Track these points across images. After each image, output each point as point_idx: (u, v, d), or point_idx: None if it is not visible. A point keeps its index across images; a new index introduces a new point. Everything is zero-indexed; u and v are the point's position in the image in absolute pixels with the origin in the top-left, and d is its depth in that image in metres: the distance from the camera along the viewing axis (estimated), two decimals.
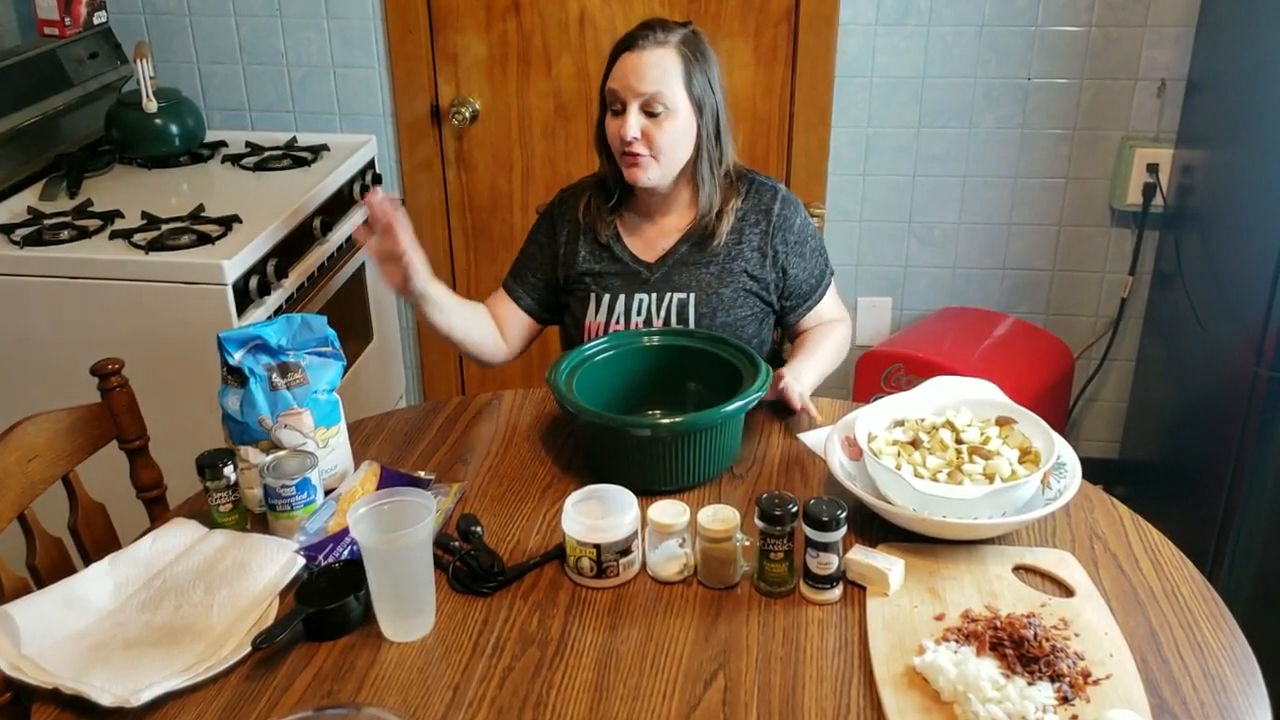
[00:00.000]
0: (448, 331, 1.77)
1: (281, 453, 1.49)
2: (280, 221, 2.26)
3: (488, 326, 1.87)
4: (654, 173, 1.77)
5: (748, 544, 1.36)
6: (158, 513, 1.68)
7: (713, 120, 1.78)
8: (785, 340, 2.18)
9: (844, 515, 1.30)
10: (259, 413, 1.49)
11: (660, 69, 1.72)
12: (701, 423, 1.51)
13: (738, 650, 1.26)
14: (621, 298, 1.84)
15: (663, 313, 1.84)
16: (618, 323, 1.84)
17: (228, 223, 2.21)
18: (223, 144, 2.70)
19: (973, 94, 2.64)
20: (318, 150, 2.63)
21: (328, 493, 1.52)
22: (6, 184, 2.39)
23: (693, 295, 1.83)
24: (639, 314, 1.84)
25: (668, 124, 1.73)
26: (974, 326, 2.72)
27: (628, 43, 1.74)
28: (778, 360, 2.05)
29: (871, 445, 1.46)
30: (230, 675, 1.24)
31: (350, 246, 2.56)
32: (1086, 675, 1.18)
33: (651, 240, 1.86)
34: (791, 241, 1.85)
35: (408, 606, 1.31)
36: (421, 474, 1.58)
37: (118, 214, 2.28)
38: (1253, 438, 2.09)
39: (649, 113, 1.72)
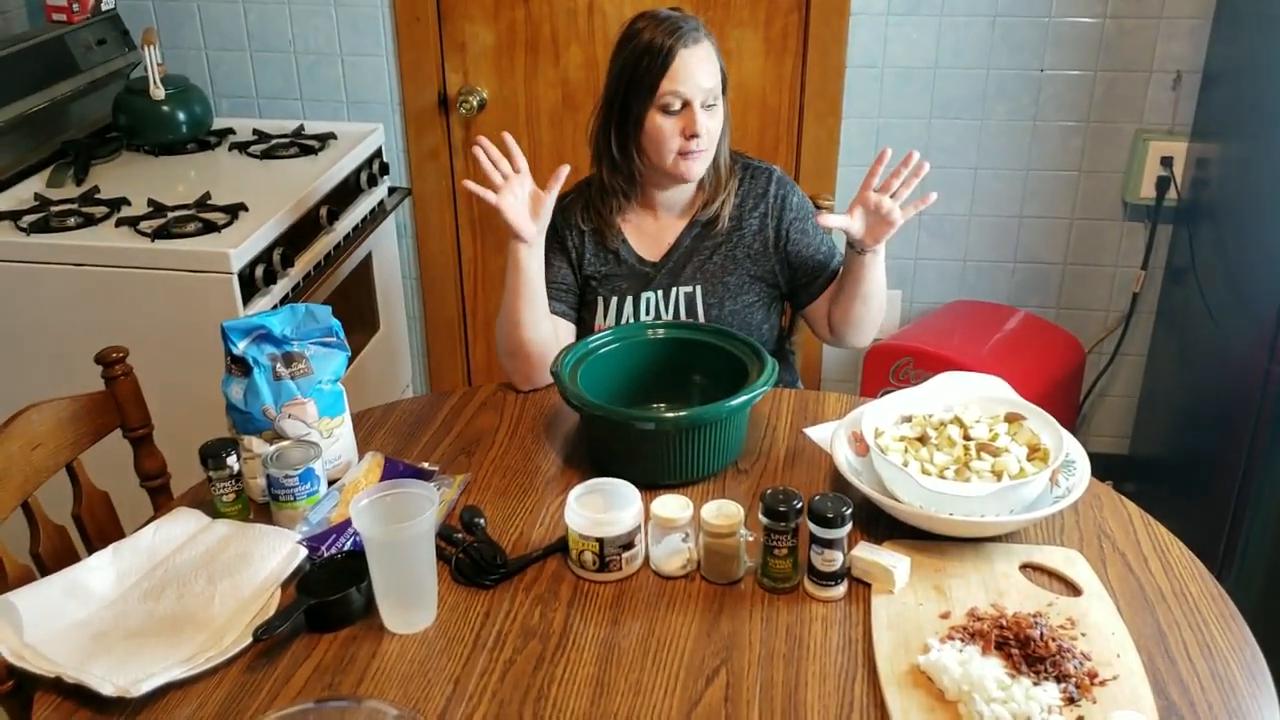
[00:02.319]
0: (529, 310, 1.70)
1: (285, 443, 1.49)
2: (287, 210, 2.26)
3: (553, 328, 1.79)
4: (706, 163, 1.78)
5: (751, 539, 1.35)
6: (161, 502, 1.68)
7: (728, 98, 1.81)
8: (795, 324, 2.17)
9: (849, 512, 1.29)
10: (263, 402, 1.49)
11: (711, 61, 1.75)
12: (706, 417, 1.49)
13: (740, 646, 1.26)
14: (629, 299, 1.83)
15: (670, 308, 1.83)
16: (626, 323, 1.83)
17: (234, 211, 2.21)
18: (230, 131, 2.69)
19: (985, 85, 2.62)
20: (325, 138, 2.62)
21: (331, 483, 1.52)
22: (13, 170, 2.38)
23: (699, 287, 1.83)
24: (647, 312, 1.84)
25: (719, 113, 1.77)
26: (984, 320, 2.71)
27: (674, 42, 1.71)
28: (785, 347, 2.04)
29: (878, 441, 1.45)
30: (231, 666, 1.24)
31: (357, 235, 2.56)
32: (1093, 676, 1.17)
33: (655, 237, 1.86)
34: (790, 219, 1.85)
35: (409, 598, 1.30)
36: (426, 465, 1.58)
37: (124, 201, 2.27)
38: (1264, 435, 2.08)
39: (705, 106, 1.74)
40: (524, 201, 1.67)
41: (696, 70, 1.72)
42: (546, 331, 1.76)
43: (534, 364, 1.75)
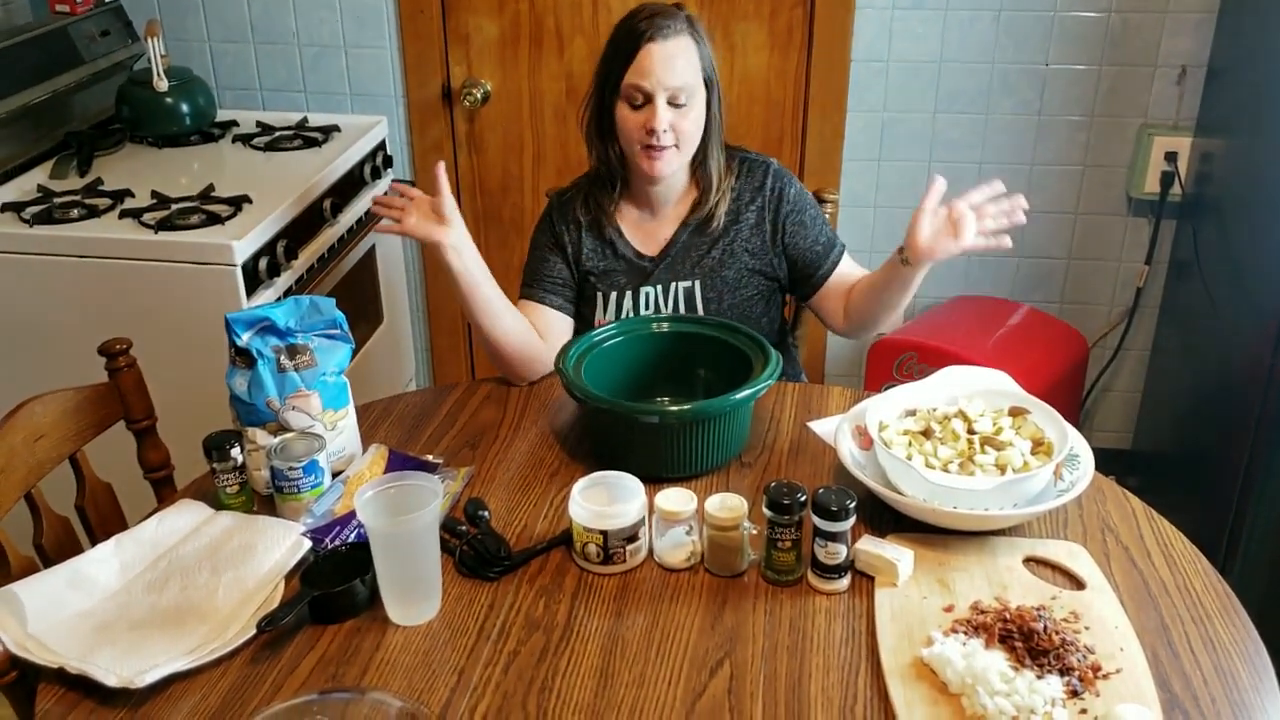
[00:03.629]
0: (483, 312, 1.70)
1: (289, 435, 1.49)
2: (290, 202, 2.26)
3: (525, 323, 1.77)
4: (675, 162, 1.76)
5: (755, 532, 1.35)
6: (165, 493, 1.68)
7: (718, 98, 1.78)
8: (798, 317, 2.17)
9: (853, 505, 1.29)
10: (266, 394, 1.49)
11: (684, 58, 1.71)
12: (710, 410, 1.49)
13: (744, 639, 1.26)
14: (628, 294, 1.84)
15: (669, 303, 1.83)
16: (627, 318, 1.83)
17: (238, 203, 2.21)
18: (234, 123, 2.69)
19: (990, 80, 2.62)
20: (329, 131, 2.62)
21: (335, 475, 1.52)
22: (16, 162, 2.39)
23: (697, 282, 1.83)
24: (646, 307, 1.84)
25: (692, 113, 1.73)
26: (988, 315, 2.71)
27: (644, 33, 1.70)
28: (788, 341, 2.04)
29: (882, 435, 1.45)
30: (235, 657, 1.24)
31: (360, 228, 2.55)
32: (1096, 669, 1.17)
33: (652, 232, 1.85)
34: (787, 211, 1.84)
35: (413, 590, 1.30)
36: (430, 457, 1.58)
37: (128, 193, 2.27)
38: (1268, 429, 2.07)
39: (673, 104, 1.71)
40: (425, 215, 1.67)
41: (662, 65, 1.69)
42: (512, 325, 1.74)
43: (516, 360, 1.75)
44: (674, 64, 1.70)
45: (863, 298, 1.83)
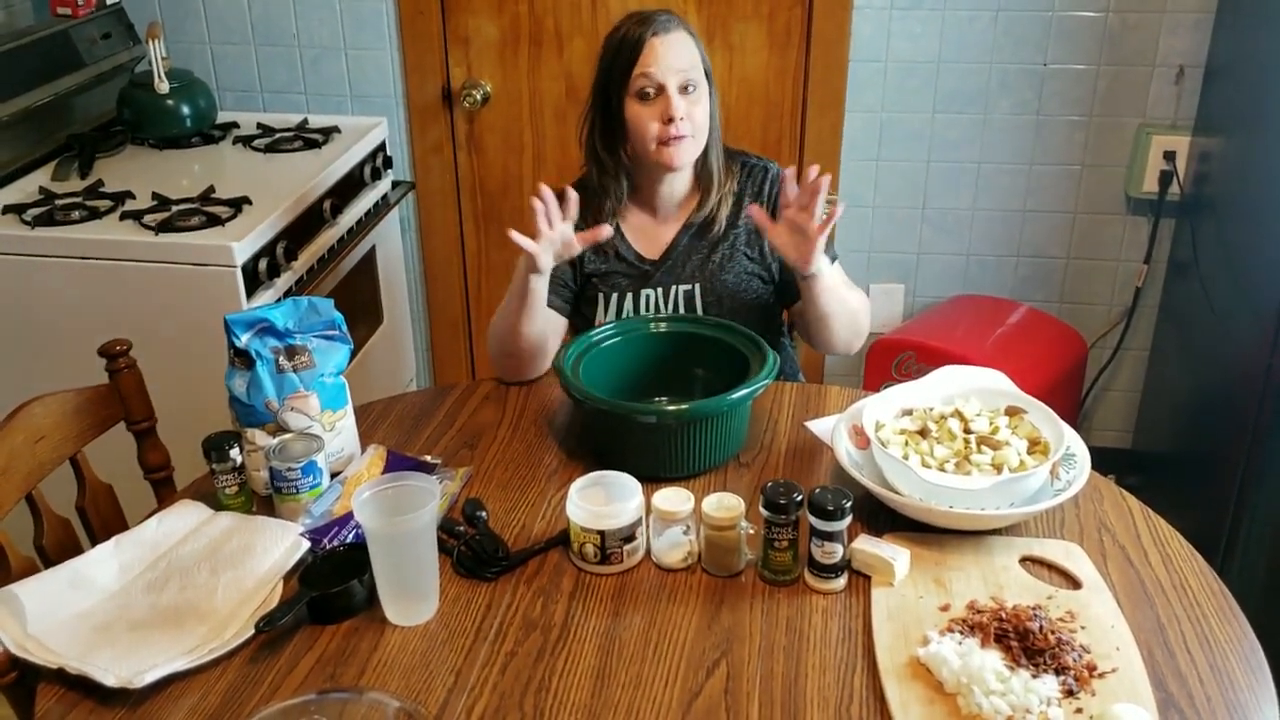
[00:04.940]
0: (528, 323, 1.73)
1: (287, 435, 1.49)
2: (290, 204, 2.26)
3: (546, 323, 1.79)
4: (693, 151, 1.77)
5: (752, 532, 1.35)
6: (165, 494, 1.68)
7: (715, 96, 1.80)
8: (792, 321, 2.16)
9: (849, 505, 1.29)
10: (265, 395, 1.49)
11: (687, 47, 1.75)
12: (707, 410, 1.50)
13: (740, 638, 1.26)
14: (629, 296, 1.84)
15: (669, 306, 1.84)
16: (625, 318, 1.84)
17: (238, 204, 2.21)
18: (234, 125, 2.70)
19: (988, 79, 2.62)
20: (329, 132, 2.63)
21: (334, 476, 1.52)
22: (18, 164, 2.39)
23: (698, 285, 1.83)
24: (647, 309, 1.85)
25: (702, 101, 1.76)
26: (987, 314, 2.71)
27: (643, 31, 1.73)
28: (786, 341, 2.04)
29: (879, 434, 1.45)
30: (234, 658, 1.25)
31: (360, 229, 2.56)
32: (1092, 668, 1.17)
33: (653, 235, 1.86)
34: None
35: (411, 591, 1.31)
36: (428, 458, 1.58)
37: (128, 195, 2.28)
38: (1266, 429, 2.07)
39: (683, 92, 1.73)
40: (556, 244, 1.68)
41: (666, 54, 1.72)
42: (540, 333, 1.77)
43: (524, 363, 1.78)
44: (677, 50, 1.73)
45: (799, 315, 1.84)
